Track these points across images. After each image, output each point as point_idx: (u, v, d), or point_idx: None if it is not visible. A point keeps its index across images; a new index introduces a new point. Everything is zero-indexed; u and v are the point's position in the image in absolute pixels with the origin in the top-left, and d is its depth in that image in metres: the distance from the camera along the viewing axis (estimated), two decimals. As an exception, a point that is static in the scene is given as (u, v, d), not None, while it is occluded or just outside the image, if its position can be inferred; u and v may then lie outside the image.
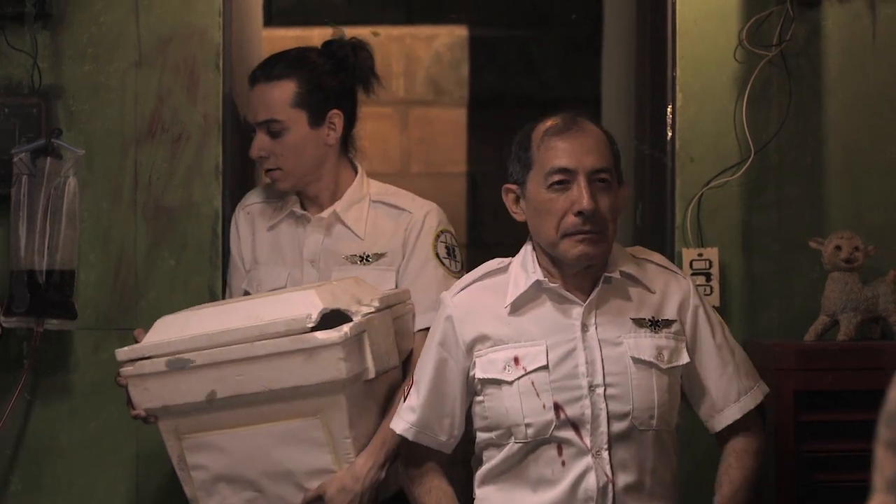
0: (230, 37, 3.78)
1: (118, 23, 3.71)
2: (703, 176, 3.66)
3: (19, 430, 3.72)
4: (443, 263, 3.43)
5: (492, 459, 3.02)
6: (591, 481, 2.91)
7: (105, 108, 3.71)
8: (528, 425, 2.94)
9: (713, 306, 3.47)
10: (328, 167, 3.46)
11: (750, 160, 3.63)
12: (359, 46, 3.60)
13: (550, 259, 3.00)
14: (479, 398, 3.02)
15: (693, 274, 3.62)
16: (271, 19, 5.99)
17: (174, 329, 3.13)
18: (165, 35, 3.71)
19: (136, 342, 3.19)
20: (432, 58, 6.38)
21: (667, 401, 2.98)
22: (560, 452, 2.93)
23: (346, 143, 3.55)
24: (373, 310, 3.10)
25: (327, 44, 3.59)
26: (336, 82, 3.49)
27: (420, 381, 3.07)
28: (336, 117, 3.46)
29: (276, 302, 3.12)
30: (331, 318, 3.02)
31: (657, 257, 3.13)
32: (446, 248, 3.45)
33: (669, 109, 3.70)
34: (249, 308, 3.12)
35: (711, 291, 3.64)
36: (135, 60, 3.72)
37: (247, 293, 3.48)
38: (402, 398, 3.12)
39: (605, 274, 2.99)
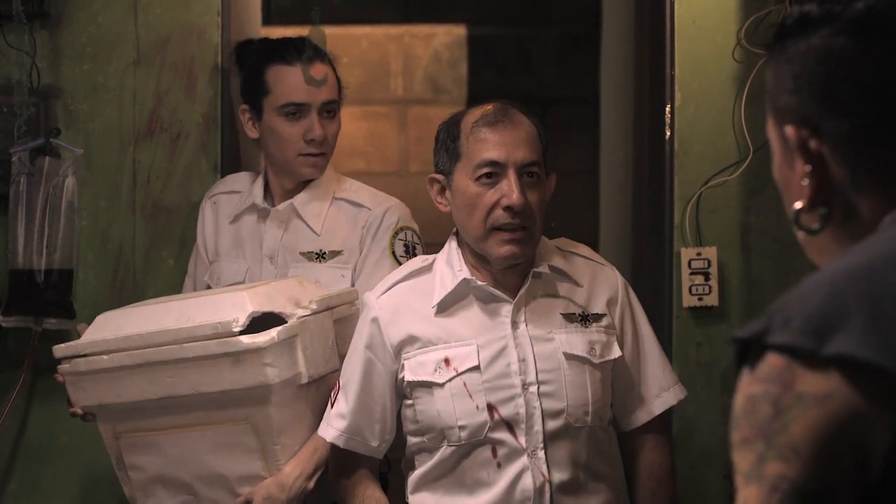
0: (229, 36, 3.78)
1: (116, 22, 3.71)
2: (702, 175, 3.66)
3: (18, 429, 3.72)
4: (399, 262, 3.28)
5: (424, 464, 2.96)
6: (527, 481, 2.87)
7: (103, 107, 3.71)
8: (461, 427, 2.88)
9: (711, 306, 3.47)
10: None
11: (749, 159, 3.63)
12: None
13: (476, 255, 2.95)
14: (408, 402, 2.96)
15: (692, 273, 3.62)
16: (270, 18, 5.98)
17: (112, 327, 3.08)
18: (164, 34, 3.71)
19: (79, 336, 3.16)
20: (431, 57, 6.38)
21: (601, 396, 2.93)
22: (495, 454, 2.88)
23: None
24: (309, 312, 3.01)
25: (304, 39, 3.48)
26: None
27: (347, 386, 2.99)
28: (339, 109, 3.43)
29: (208, 303, 3.05)
30: (265, 321, 2.94)
31: (584, 249, 3.08)
32: (404, 245, 3.34)
33: (668, 108, 3.69)
34: (184, 308, 3.05)
35: (710, 291, 3.63)
36: (133, 60, 3.72)
37: (208, 286, 3.43)
38: (330, 404, 3.03)
39: (534, 269, 2.95)
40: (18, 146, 3.59)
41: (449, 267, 2.97)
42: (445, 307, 2.95)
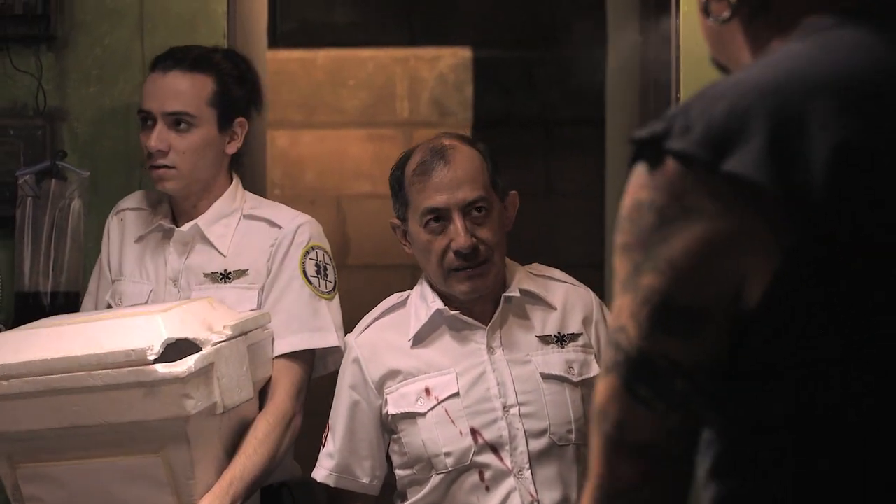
0: (235, 59, 3.77)
1: (123, 45, 3.71)
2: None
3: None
4: (310, 282, 3.16)
5: (416, 496, 2.98)
6: (515, 502, 2.89)
7: (110, 129, 3.71)
8: (447, 454, 2.91)
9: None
10: (218, 179, 3.24)
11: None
12: (251, 62, 3.38)
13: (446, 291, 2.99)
14: (395, 436, 2.99)
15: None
16: (276, 41, 5.99)
17: (8, 350, 2.85)
18: (170, 57, 3.72)
19: None
20: (436, 79, 6.38)
21: (582, 414, 2.95)
22: (482, 477, 2.91)
23: (235, 156, 3.30)
24: (224, 338, 2.83)
25: (229, 51, 3.42)
26: (243, 91, 3.27)
27: (335, 427, 3.04)
28: (240, 126, 3.24)
29: (118, 327, 2.83)
30: (177, 347, 2.76)
31: (556, 273, 3.12)
32: (316, 265, 3.19)
33: (674, 130, 3.69)
34: (92, 331, 2.83)
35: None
36: (140, 82, 3.71)
37: (110, 307, 3.28)
38: (322, 446, 3.06)
39: (505, 294, 2.98)
40: (25, 169, 3.60)
41: (422, 300, 3.02)
42: (421, 339, 3.00)
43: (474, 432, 2.90)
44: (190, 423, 2.76)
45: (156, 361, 2.72)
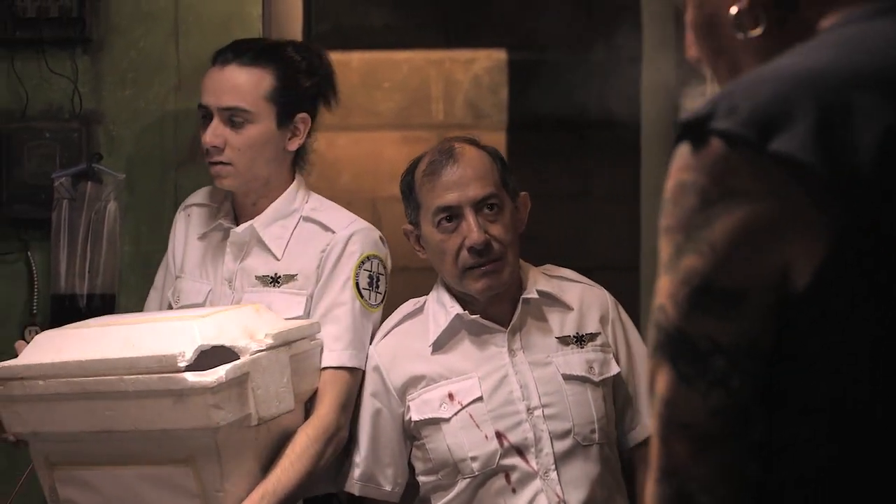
0: (270, 61, 3.77)
1: (158, 47, 3.73)
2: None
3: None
4: (361, 295, 3.08)
5: (441, 501, 2.97)
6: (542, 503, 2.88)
7: (145, 132, 3.72)
8: (473, 459, 2.92)
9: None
10: (278, 176, 3.19)
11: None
12: (325, 55, 3.31)
13: (462, 292, 2.99)
14: (418, 442, 2.99)
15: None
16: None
17: (51, 349, 2.80)
18: (205, 59, 3.70)
19: (17, 355, 2.90)
20: (471, 81, 6.38)
21: (605, 413, 2.97)
22: (508, 480, 2.91)
23: (300, 153, 3.27)
24: (263, 347, 2.75)
25: (300, 44, 3.34)
26: (310, 84, 3.20)
27: (359, 435, 3.03)
28: (303, 122, 3.18)
29: (155, 331, 2.75)
30: (217, 355, 2.69)
31: (569, 273, 3.12)
32: (369, 276, 3.10)
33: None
34: (129, 334, 2.76)
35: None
36: (174, 85, 3.73)
37: (169, 305, 3.26)
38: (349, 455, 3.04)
39: (523, 296, 2.98)
40: (60, 171, 3.61)
41: (440, 305, 3.03)
42: (441, 344, 3.01)
43: (500, 435, 2.91)
44: (220, 435, 2.70)
45: (189, 369, 2.64)
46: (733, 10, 1.46)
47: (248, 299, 3.09)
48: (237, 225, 3.20)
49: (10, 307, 3.74)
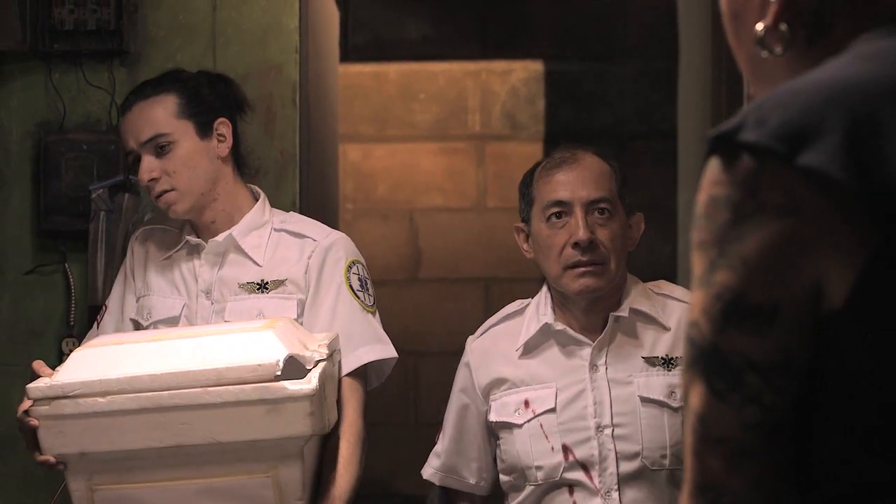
0: (307, 73, 3.80)
1: (195, 60, 3.73)
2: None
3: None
4: (357, 296, 3.11)
5: (513, 501, 3.00)
6: None
7: (182, 144, 3.73)
8: (538, 468, 2.92)
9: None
10: (224, 187, 3.15)
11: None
12: (213, 72, 3.33)
13: (562, 297, 2.98)
14: (498, 441, 3.02)
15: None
16: (347, 55, 6.02)
17: (99, 365, 2.71)
18: (242, 72, 3.72)
19: (37, 376, 2.78)
20: (508, 92, 6.39)
21: (680, 440, 2.90)
22: (571, 494, 2.90)
23: (239, 162, 3.22)
24: (324, 356, 2.75)
25: (188, 71, 3.29)
26: (215, 93, 3.18)
27: (445, 427, 3.09)
28: (223, 126, 3.14)
29: (225, 342, 2.74)
30: (286, 366, 2.69)
31: (678, 292, 3.06)
32: (359, 280, 3.14)
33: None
34: (199, 346, 2.73)
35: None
36: (211, 97, 3.74)
37: (136, 323, 3.18)
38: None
39: (614, 314, 2.95)
40: (98, 183, 3.63)
41: (536, 311, 3.02)
42: (529, 350, 3.00)
43: (566, 449, 2.91)
44: (306, 443, 2.71)
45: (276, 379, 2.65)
46: (759, 27, 1.45)
47: (233, 308, 3.09)
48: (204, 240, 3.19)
49: (47, 319, 3.76)
